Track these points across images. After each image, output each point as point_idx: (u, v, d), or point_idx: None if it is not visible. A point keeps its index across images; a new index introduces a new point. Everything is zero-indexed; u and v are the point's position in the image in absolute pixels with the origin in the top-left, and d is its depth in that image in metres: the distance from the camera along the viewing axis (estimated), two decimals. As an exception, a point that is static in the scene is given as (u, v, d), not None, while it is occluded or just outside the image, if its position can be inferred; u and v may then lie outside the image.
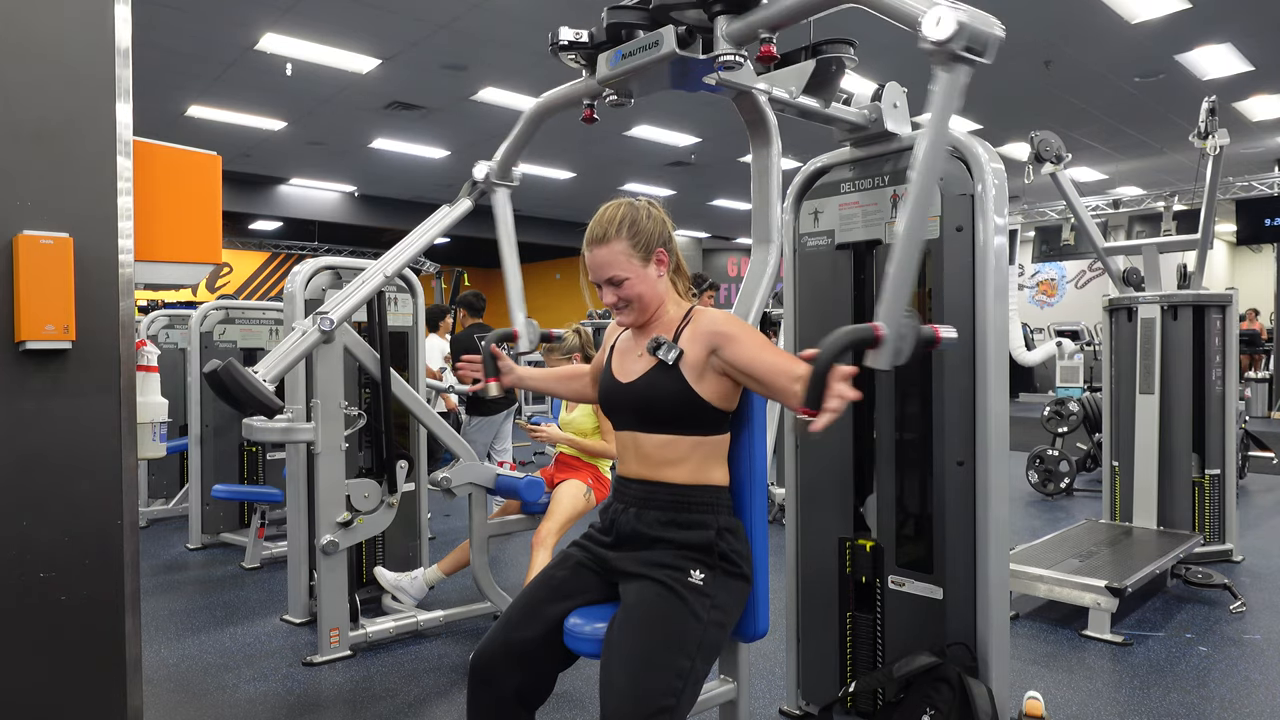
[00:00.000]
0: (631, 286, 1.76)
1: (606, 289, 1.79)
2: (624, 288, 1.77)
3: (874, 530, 2.44)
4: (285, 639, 3.43)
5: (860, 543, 2.44)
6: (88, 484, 1.69)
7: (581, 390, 2.20)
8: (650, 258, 1.78)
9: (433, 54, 7.58)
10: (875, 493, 2.44)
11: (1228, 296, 4.47)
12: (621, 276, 1.76)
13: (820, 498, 2.55)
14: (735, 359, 1.69)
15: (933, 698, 2.09)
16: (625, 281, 1.76)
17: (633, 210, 1.79)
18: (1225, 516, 4.37)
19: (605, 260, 1.76)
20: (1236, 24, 7.12)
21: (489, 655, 1.69)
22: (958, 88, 1.47)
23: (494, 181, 2.79)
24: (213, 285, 16.75)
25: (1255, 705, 2.75)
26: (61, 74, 1.66)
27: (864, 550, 2.43)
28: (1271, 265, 13.66)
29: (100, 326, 1.70)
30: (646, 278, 1.78)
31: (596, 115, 2.15)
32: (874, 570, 2.41)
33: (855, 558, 2.45)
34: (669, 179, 13.15)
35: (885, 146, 2.37)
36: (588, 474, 3.54)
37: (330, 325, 2.89)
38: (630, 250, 1.76)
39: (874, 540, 2.42)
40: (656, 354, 1.73)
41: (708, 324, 1.74)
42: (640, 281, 1.77)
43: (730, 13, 1.80)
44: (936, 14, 1.40)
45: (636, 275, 1.77)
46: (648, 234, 1.77)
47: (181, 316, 5.74)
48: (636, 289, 1.77)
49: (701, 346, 1.72)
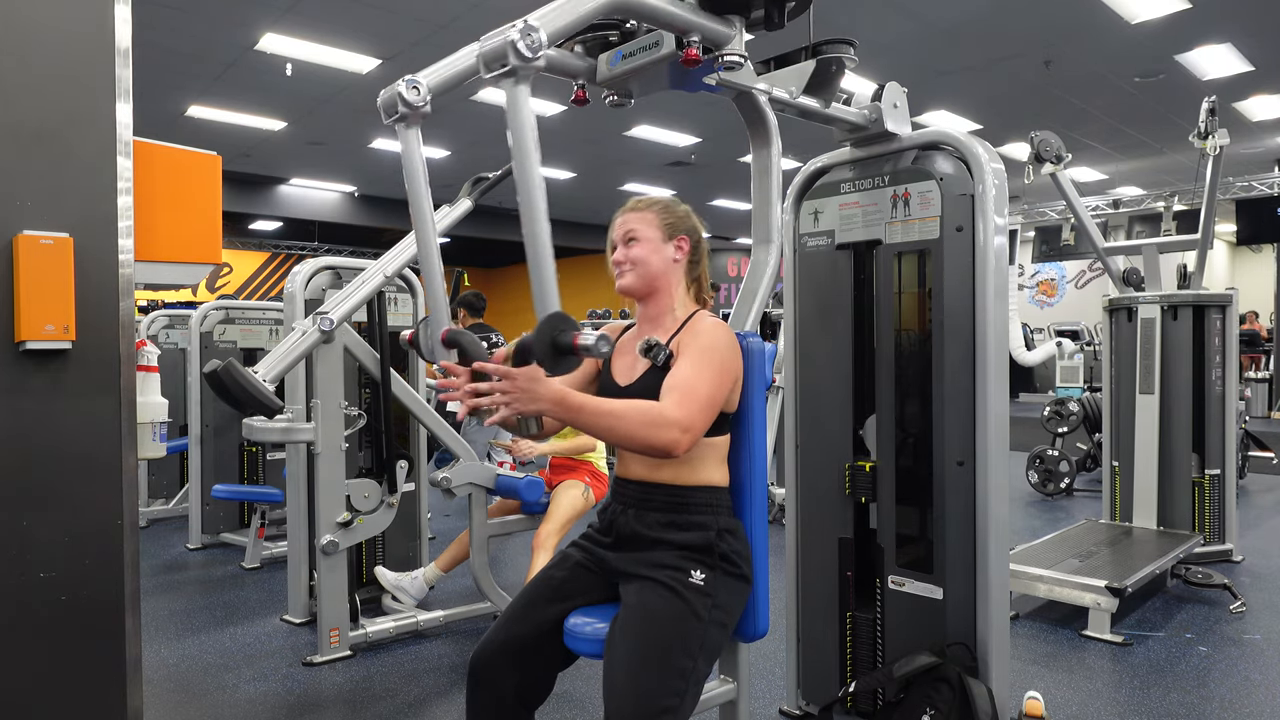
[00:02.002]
0: (641, 250, 1.82)
1: (619, 249, 1.84)
2: (633, 248, 1.82)
3: (874, 522, 2.44)
4: (285, 639, 3.43)
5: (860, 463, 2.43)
6: (88, 484, 1.69)
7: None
8: (671, 238, 1.84)
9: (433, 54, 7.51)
10: (875, 493, 2.44)
11: (1228, 296, 4.47)
12: (637, 236, 1.82)
13: (820, 497, 2.55)
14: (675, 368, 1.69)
15: (933, 698, 2.09)
16: (636, 243, 1.82)
17: (669, 199, 1.90)
18: (1225, 516, 4.37)
19: (630, 222, 1.84)
20: (1236, 24, 7.12)
21: (488, 655, 1.69)
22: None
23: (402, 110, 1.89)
24: (213, 285, 16.75)
25: (1255, 705, 2.75)
26: (61, 74, 1.66)
27: (863, 469, 2.43)
28: (1271, 265, 13.66)
29: (100, 326, 1.70)
30: (659, 249, 1.83)
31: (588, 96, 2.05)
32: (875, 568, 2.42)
33: (855, 473, 2.45)
34: (669, 179, 13.14)
35: (885, 146, 2.37)
36: (583, 472, 3.55)
37: (330, 325, 2.89)
38: (655, 222, 1.84)
39: (872, 463, 2.42)
40: (648, 355, 1.74)
41: (694, 331, 1.76)
42: (652, 251, 1.82)
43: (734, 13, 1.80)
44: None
45: (651, 243, 1.82)
46: (676, 217, 1.87)
47: (181, 316, 5.74)
48: (645, 254, 1.82)
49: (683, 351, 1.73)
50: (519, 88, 1.56)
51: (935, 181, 2.24)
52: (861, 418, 2.48)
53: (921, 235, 2.28)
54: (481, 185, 3.36)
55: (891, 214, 2.35)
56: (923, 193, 2.27)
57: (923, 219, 2.28)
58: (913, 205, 2.29)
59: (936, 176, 2.24)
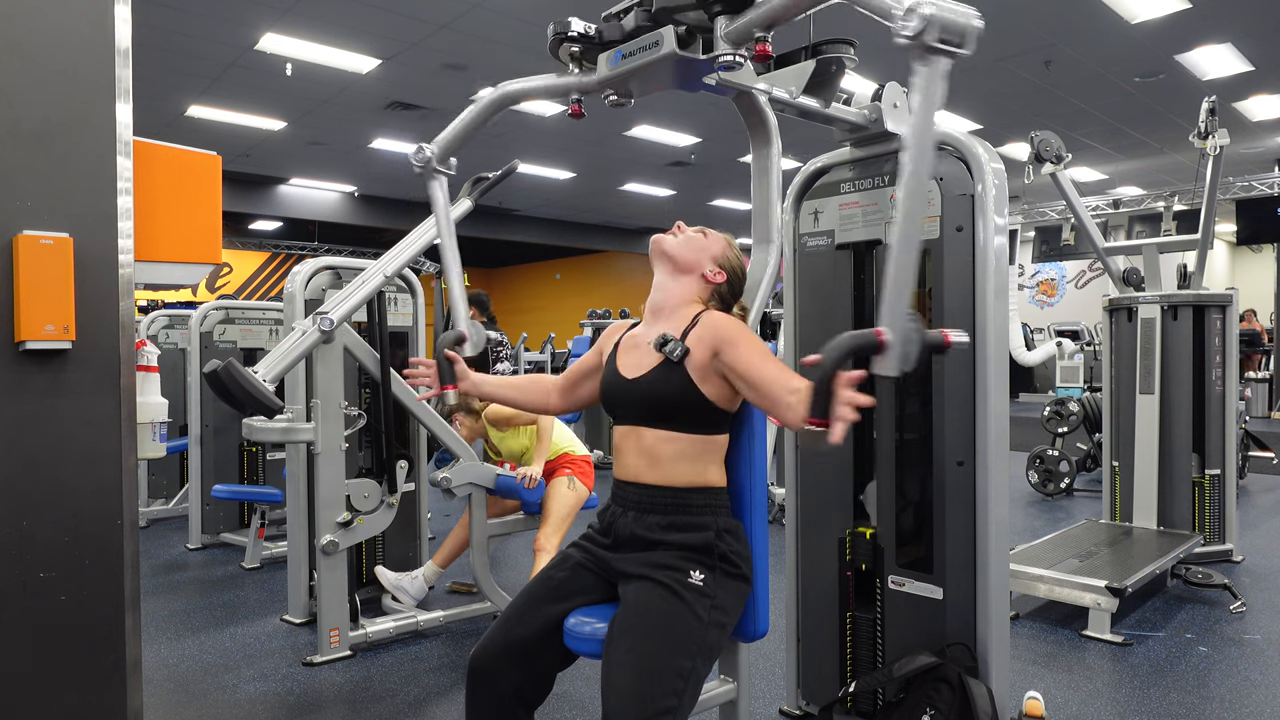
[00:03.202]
0: (700, 239, 1.90)
1: (683, 225, 1.95)
2: (693, 232, 1.92)
3: (874, 518, 2.44)
4: (285, 639, 3.43)
5: (860, 529, 2.44)
6: (88, 484, 1.69)
7: (540, 399, 2.10)
8: (717, 265, 1.90)
9: (433, 54, 7.58)
10: (875, 492, 2.44)
11: (1228, 296, 4.47)
12: (704, 233, 1.93)
13: (820, 497, 2.55)
14: (734, 363, 1.69)
15: (933, 698, 2.09)
16: (699, 237, 1.91)
17: (741, 258, 1.97)
18: (1225, 516, 4.37)
19: (705, 230, 1.95)
20: (1236, 24, 7.12)
21: (488, 655, 1.69)
22: (937, 81, 1.45)
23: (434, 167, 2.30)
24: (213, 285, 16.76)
25: (1255, 705, 2.75)
26: (61, 74, 1.66)
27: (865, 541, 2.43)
28: (1271, 265, 13.66)
29: (100, 326, 1.70)
30: (702, 259, 1.89)
31: (584, 111, 2.06)
32: (875, 566, 2.42)
33: (855, 556, 2.45)
34: (669, 179, 13.15)
35: (885, 146, 2.37)
36: (563, 467, 3.56)
37: (330, 325, 2.89)
38: (720, 245, 1.92)
39: (873, 529, 2.42)
40: (663, 350, 1.75)
41: (713, 327, 1.76)
42: (703, 246, 1.89)
43: (729, 13, 1.79)
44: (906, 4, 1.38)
45: (704, 249, 1.89)
46: (734, 261, 1.94)
47: (181, 316, 5.74)
48: (698, 242, 1.89)
49: (706, 348, 1.73)
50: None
51: (935, 181, 2.24)
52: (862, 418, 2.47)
53: (921, 235, 2.28)
54: (481, 185, 3.36)
55: (892, 214, 2.35)
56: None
57: (923, 219, 2.27)
58: (913, 205, 2.29)
59: (936, 176, 2.24)
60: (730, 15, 1.79)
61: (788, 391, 1.59)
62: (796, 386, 1.58)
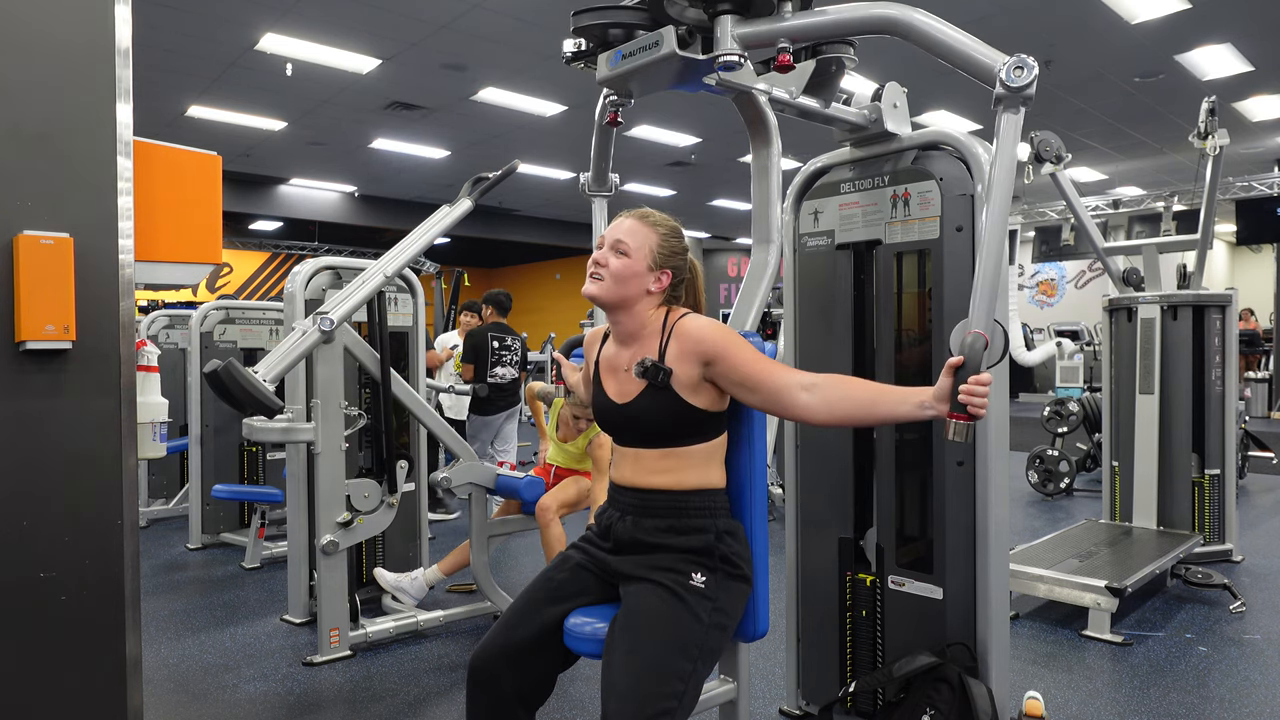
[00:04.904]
0: (622, 266, 1.74)
1: (604, 250, 1.77)
2: (615, 261, 1.75)
3: (874, 519, 2.44)
4: (285, 639, 3.43)
5: (860, 576, 2.45)
6: (88, 484, 1.69)
7: None
8: (657, 269, 1.77)
9: (433, 54, 7.57)
10: (875, 492, 2.44)
11: (1227, 296, 4.47)
12: (627, 250, 1.75)
13: (820, 497, 2.55)
14: (731, 373, 1.67)
15: (933, 698, 2.09)
16: (622, 256, 1.75)
17: (675, 225, 1.83)
18: (1225, 516, 4.37)
19: (629, 230, 1.77)
20: (1236, 24, 7.12)
21: (488, 656, 1.69)
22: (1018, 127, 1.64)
23: (589, 192, 2.76)
24: (213, 285, 16.75)
25: (1255, 705, 2.75)
26: (61, 74, 1.66)
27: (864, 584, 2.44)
28: (1271, 265, 13.66)
29: (100, 326, 1.70)
30: (640, 276, 1.75)
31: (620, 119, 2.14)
32: (876, 567, 2.42)
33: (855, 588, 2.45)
34: (669, 179, 13.14)
35: (885, 146, 2.37)
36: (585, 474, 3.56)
37: (330, 325, 2.89)
38: (652, 244, 1.77)
39: (873, 576, 2.43)
40: (645, 377, 1.71)
41: (693, 339, 1.70)
42: (633, 273, 1.75)
43: (736, 13, 1.79)
44: (1018, 61, 1.57)
45: (635, 264, 1.75)
46: (672, 249, 1.80)
47: (181, 316, 5.74)
48: (624, 272, 1.75)
49: (691, 363, 1.69)
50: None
51: (935, 181, 2.24)
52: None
53: (921, 235, 2.28)
54: (481, 185, 3.36)
55: (891, 214, 2.35)
56: (923, 193, 2.27)
57: (923, 219, 2.28)
58: (913, 205, 2.29)
59: (936, 176, 2.24)
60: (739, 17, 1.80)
61: (800, 389, 1.61)
62: (810, 383, 1.61)
